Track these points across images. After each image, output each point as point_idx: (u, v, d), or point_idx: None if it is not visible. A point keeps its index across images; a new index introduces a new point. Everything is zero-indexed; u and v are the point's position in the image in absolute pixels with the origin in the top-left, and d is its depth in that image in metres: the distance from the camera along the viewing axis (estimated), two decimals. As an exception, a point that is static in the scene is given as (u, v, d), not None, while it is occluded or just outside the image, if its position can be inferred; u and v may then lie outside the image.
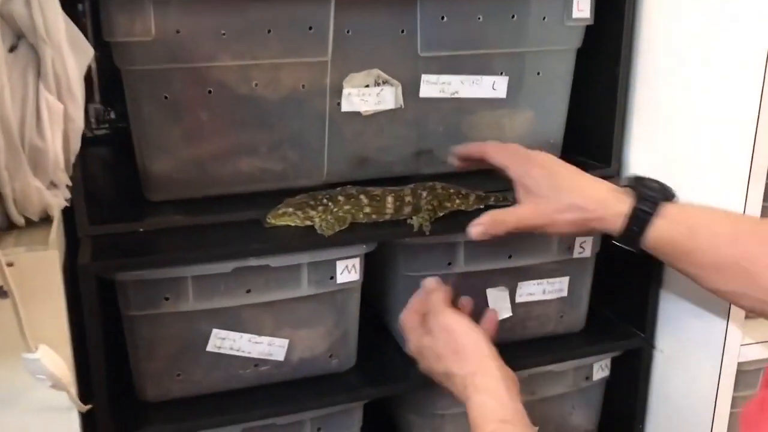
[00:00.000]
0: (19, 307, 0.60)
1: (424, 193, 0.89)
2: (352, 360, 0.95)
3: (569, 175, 0.83)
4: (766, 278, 0.72)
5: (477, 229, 0.83)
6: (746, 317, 0.94)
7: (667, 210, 0.77)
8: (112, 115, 1.19)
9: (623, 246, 0.81)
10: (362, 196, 0.87)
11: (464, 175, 0.96)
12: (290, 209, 0.84)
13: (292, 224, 0.85)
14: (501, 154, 0.87)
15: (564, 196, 0.81)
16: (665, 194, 0.80)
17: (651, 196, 0.78)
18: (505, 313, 0.98)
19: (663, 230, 0.77)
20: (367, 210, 0.86)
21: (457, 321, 0.82)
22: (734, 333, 0.92)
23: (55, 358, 0.65)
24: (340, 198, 0.86)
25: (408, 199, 0.88)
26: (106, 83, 1.13)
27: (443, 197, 0.90)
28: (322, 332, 0.91)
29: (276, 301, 0.86)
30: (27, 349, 0.63)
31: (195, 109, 0.88)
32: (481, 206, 0.92)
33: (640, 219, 0.77)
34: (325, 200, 0.85)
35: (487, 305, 0.96)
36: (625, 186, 0.82)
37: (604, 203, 0.80)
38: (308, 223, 0.85)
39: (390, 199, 0.87)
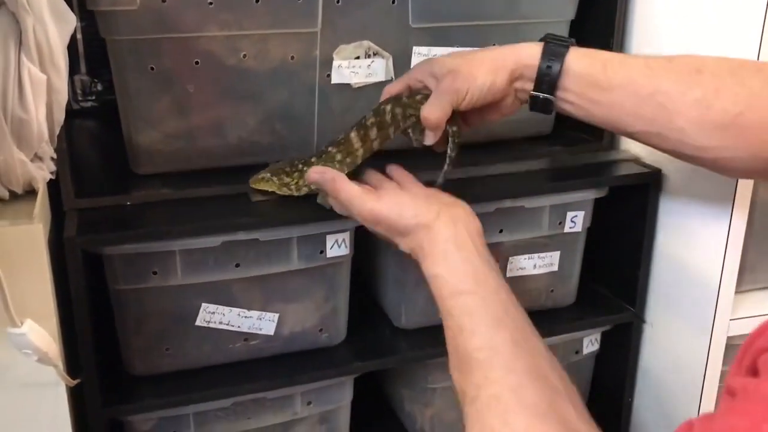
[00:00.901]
0: (3, 281, 0.60)
1: (388, 107, 0.82)
2: (342, 334, 0.95)
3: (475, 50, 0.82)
4: (680, 117, 0.71)
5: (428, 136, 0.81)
6: (736, 292, 0.95)
7: (578, 49, 0.76)
8: (99, 87, 1.17)
9: (540, 96, 0.78)
10: (330, 148, 0.83)
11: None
12: (268, 174, 0.83)
13: (269, 190, 0.84)
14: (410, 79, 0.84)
15: (475, 56, 0.79)
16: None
17: (561, 38, 0.77)
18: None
19: (578, 65, 0.75)
20: (339, 157, 0.82)
21: (374, 207, 0.75)
22: (724, 307, 0.92)
23: (41, 333, 0.64)
24: (313, 159, 0.83)
25: (371, 120, 0.82)
26: (93, 54, 1.11)
27: (407, 105, 0.82)
28: (312, 306, 0.91)
29: (265, 275, 0.86)
30: (12, 324, 0.62)
31: (182, 81, 0.86)
32: None
33: (553, 52, 0.75)
34: (300, 165, 0.83)
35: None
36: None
37: (516, 47, 0.78)
38: (285, 190, 0.84)
39: (353, 134, 0.82)
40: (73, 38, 0.81)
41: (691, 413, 0.98)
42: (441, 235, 0.71)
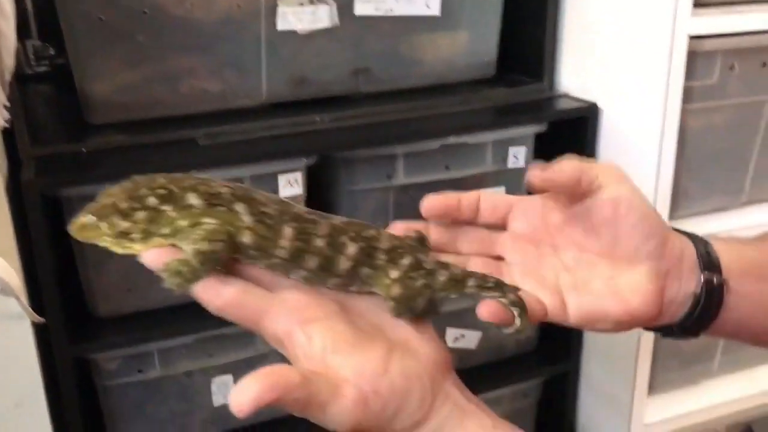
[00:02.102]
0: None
1: (351, 249, 0.47)
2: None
3: None
4: None
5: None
6: (674, 218, 1.00)
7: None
8: (51, 51, 1.18)
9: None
10: (240, 206, 0.45)
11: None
12: (91, 217, 0.45)
13: (98, 243, 0.47)
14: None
15: None
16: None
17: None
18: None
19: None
20: (248, 239, 0.45)
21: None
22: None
23: (3, 264, 0.67)
24: (193, 201, 0.45)
25: (319, 245, 0.46)
26: (43, 19, 1.13)
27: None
28: (268, 245, 0.94)
29: (221, 214, 0.89)
30: (-27, 254, 0.65)
31: (131, 31, 0.89)
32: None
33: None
34: (151, 198, 0.45)
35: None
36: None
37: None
38: (126, 246, 0.46)
39: (288, 232, 0.45)
40: (23, 4, 0.84)
41: (632, 336, 1.04)
42: (443, 416, 0.47)
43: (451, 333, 1.08)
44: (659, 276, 0.50)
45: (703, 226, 1.02)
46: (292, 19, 0.95)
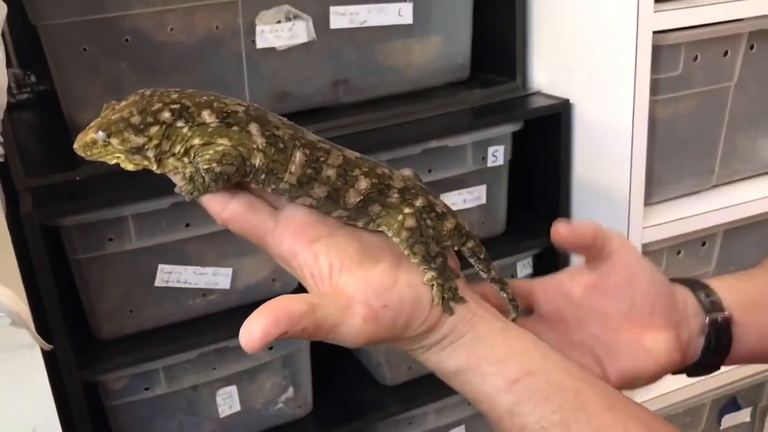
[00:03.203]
0: (-29, 250, 0.65)
1: (363, 183, 0.47)
2: (294, 281, 1.02)
3: None
4: None
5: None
6: (649, 203, 1.05)
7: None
8: (32, 78, 1.20)
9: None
10: (254, 127, 0.45)
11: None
12: (100, 134, 0.44)
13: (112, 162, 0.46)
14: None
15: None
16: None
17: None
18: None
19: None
20: (259, 160, 0.45)
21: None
22: (635, 217, 1.02)
23: (11, 295, 0.69)
24: (208, 119, 0.44)
25: (329, 174, 0.47)
26: (22, 47, 1.14)
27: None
28: (263, 259, 0.97)
29: (215, 232, 0.92)
30: (-16, 289, 0.67)
31: (114, 59, 0.91)
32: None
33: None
34: (165, 113, 0.44)
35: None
36: None
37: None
38: (137, 161, 0.45)
39: (299, 157, 0.46)
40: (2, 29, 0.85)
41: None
42: (452, 324, 0.48)
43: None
44: (674, 326, 0.56)
45: (676, 209, 1.07)
46: (270, 36, 0.98)
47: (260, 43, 0.97)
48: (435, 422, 1.14)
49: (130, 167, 0.46)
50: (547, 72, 1.12)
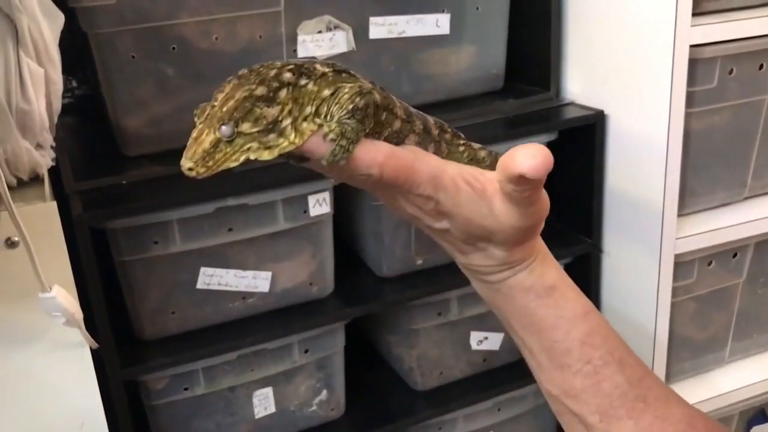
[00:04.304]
0: (33, 252, 0.67)
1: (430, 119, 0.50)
2: (330, 286, 1.03)
3: None
4: None
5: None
6: (681, 214, 1.06)
7: None
8: (74, 83, 1.23)
9: None
10: (353, 72, 0.45)
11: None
12: (223, 129, 0.40)
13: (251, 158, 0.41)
14: None
15: None
16: None
17: None
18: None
19: None
20: (378, 98, 0.45)
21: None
22: (669, 228, 1.03)
23: (67, 296, 0.72)
24: (322, 69, 0.43)
25: (413, 110, 0.49)
26: (64, 52, 1.17)
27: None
28: (301, 263, 0.99)
29: (256, 236, 0.94)
30: (43, 290, 0.70)
31: (161, 66, 0.93)
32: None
33: None
34: (286, 74, 0.42)
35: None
36: None
37: None
38: (276, 141, 0.41)
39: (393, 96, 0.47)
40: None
41: (648, 330, 1.10)
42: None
43: (475, 336, 1.13)
44: None
45: (708, 220, 1.08)
46: (312, 46, 1.00)
47: (301, 52, 0.99)
48: (464, 428, 1.15)
49: (266, 155, 0.41)
50: (581, 83, 1.13)
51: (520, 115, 1.09)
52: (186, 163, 0.40)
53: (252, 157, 0.41)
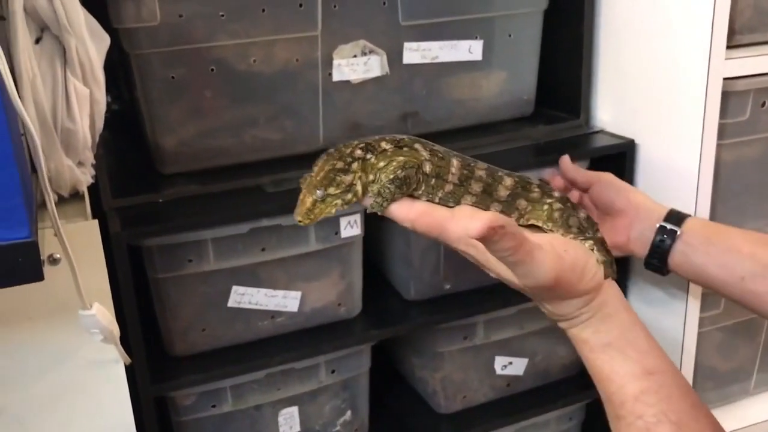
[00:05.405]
0: (76, 269, 0.68)
1: (508, 180, 0.64)
2: (358, 307, 1.04)
3: None
4: None
5: None
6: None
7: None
8: (108, 99, 1.25)
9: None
10: (418, 146, 0.61)
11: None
12: (318, 193, 0.59)
13: (335, 211, 0.61)
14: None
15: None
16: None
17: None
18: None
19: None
20: (428, 168, 0.60)
21: (559, 268, 0.59)
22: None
23: (106, 314, 0.73)
24: (385, 146, 0.60)
25: (480, 174, 0.63)
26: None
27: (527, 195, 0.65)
28: (330, 283, 1.00)
29: (288, 257, 0.95)
30: (83, 307, 0.71)
31: (199, 87, 0.95)
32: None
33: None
34: (357, 152, 0.60)
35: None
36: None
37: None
38: (349, 197, 0.60)
39: (455, 162, 0.62)
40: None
41: (674, 360, 1.09)
42: (609, 294, 0.60)
43: (500, 361, 1.13)
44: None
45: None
46: (347, 69, 1.01)
47: (336, 76, 1.01)
48: (487, 452, 1.15)
49: (342, 206, 0.60)
50: (611, 111, 1.14)
51: (549, 141, 1.10)
52: (297, 217, 0.61)
53: (336, 209, 0.60)
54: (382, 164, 0.60)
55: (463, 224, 0.55)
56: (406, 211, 0.59)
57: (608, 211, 0.92)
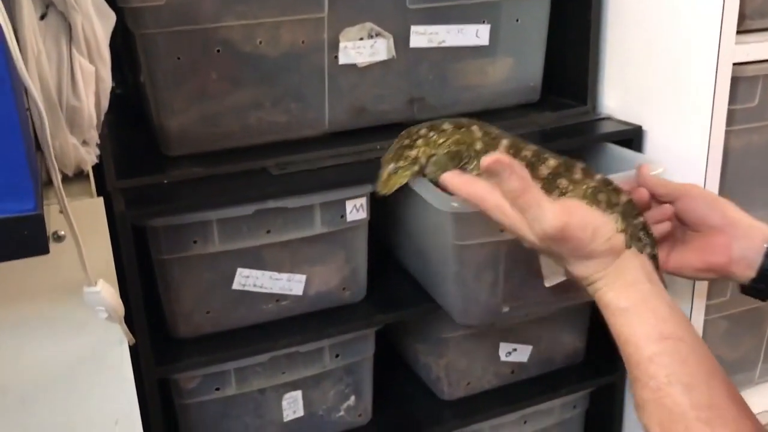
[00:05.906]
0: (82, 247, 0.68)
1: (552, 161, 0.72)
2: (363, 291, 1.04)
3: None
4: None
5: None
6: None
7: None
8: (113, 84, 1.24)
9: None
10: (474, 127, 0.74)
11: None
12: (391, 166, 0.75)
13: (405, 181, 0.76)
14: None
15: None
16: None
17: None
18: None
19: None
20: (479, 146, 0.72)
21: (565, 222, 0.67)
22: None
23: (111, 291, 0.73)
24: (446, 126, 0.74)
25: (526, 154, 0.72)
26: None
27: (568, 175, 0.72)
28: (335, 267, 1.00)
29: (293, 240, 0.94)
30: (89, 284, 0.71)
31: (205, 68, 0.94)
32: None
33: None
34: (422, 131, 0.75)
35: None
36: None
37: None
38: (416, 169, 0.75)
39: (505, 142, 0.73)
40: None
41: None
42: (630, 264, 0.66)
43: (504, 347, 1.13)
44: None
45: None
46: (353, 52, 1.01)
47: (342, 59, 1.00)
48: (490, 439, 1.15)
49: (410, 177, 0.75)
50: (618, 97, 1.13)
51: (556, 128, 1.10)
52: (378, 188, 0.76)
53: (408, 179, 0.76)
54: (441, 141, 0.73)
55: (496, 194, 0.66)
56: (454, 180, 0.70)
57: (699, 228, 0.83)
